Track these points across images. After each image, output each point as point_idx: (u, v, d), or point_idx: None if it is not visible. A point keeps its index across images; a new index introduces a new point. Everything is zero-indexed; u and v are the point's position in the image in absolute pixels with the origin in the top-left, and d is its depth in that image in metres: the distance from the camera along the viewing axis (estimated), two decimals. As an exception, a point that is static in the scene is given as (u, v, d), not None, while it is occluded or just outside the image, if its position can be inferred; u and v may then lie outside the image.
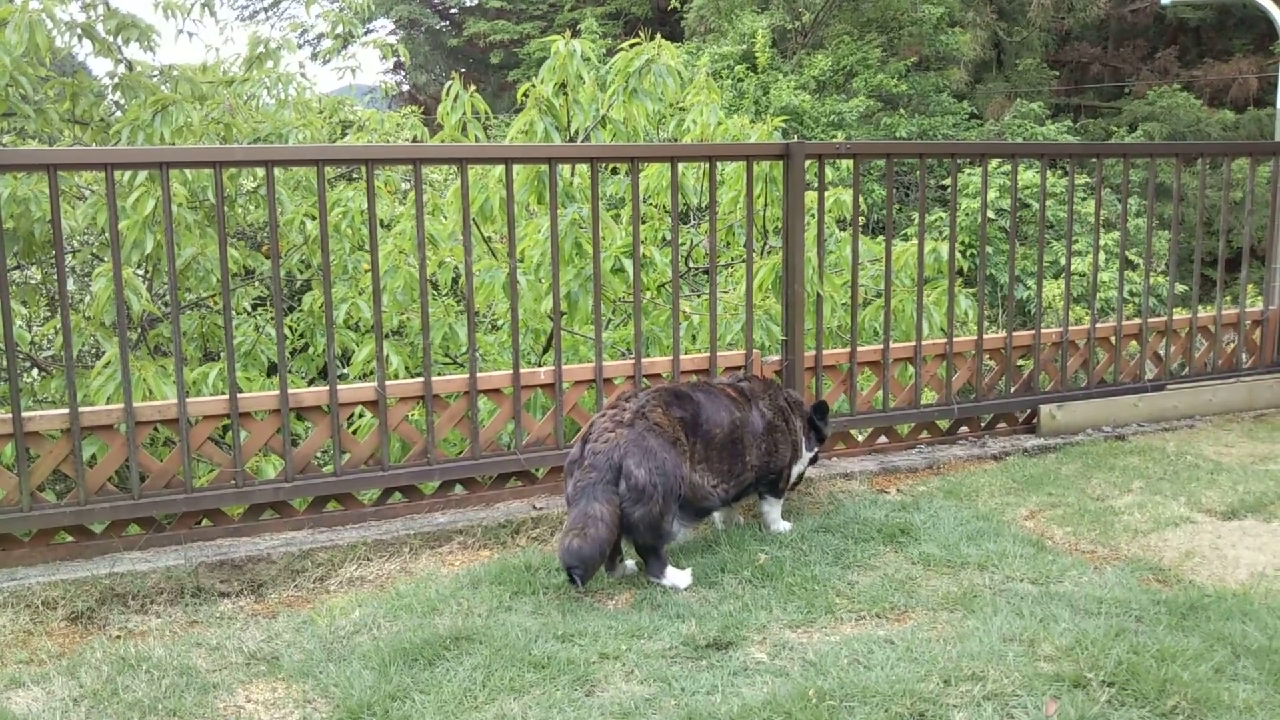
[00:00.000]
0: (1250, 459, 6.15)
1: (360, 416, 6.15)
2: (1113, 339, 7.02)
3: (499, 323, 8.56)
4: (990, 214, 14.92)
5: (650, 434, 4.38)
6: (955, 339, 6.51)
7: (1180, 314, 7.39)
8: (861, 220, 6.42)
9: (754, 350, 5.87)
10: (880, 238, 6.27)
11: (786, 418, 4.96)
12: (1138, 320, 7.19)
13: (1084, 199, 13.67)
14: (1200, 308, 7.69)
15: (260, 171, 7.54)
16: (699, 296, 7.97)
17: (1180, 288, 11.11)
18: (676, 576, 4.42)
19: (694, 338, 7.01)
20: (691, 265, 8.35)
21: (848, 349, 6.16)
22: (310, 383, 7.96)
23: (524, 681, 3.57)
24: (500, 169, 6.47)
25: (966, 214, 14.96)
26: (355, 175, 9.00)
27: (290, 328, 8.43)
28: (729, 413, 4.71)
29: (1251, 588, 4.20)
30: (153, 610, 4.44)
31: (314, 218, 7.29)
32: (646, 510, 4.27)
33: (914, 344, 6.35)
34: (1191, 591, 4.13)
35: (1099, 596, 4.06)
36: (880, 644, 3.69)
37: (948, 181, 6.72)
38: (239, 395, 4.99)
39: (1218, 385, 7.31)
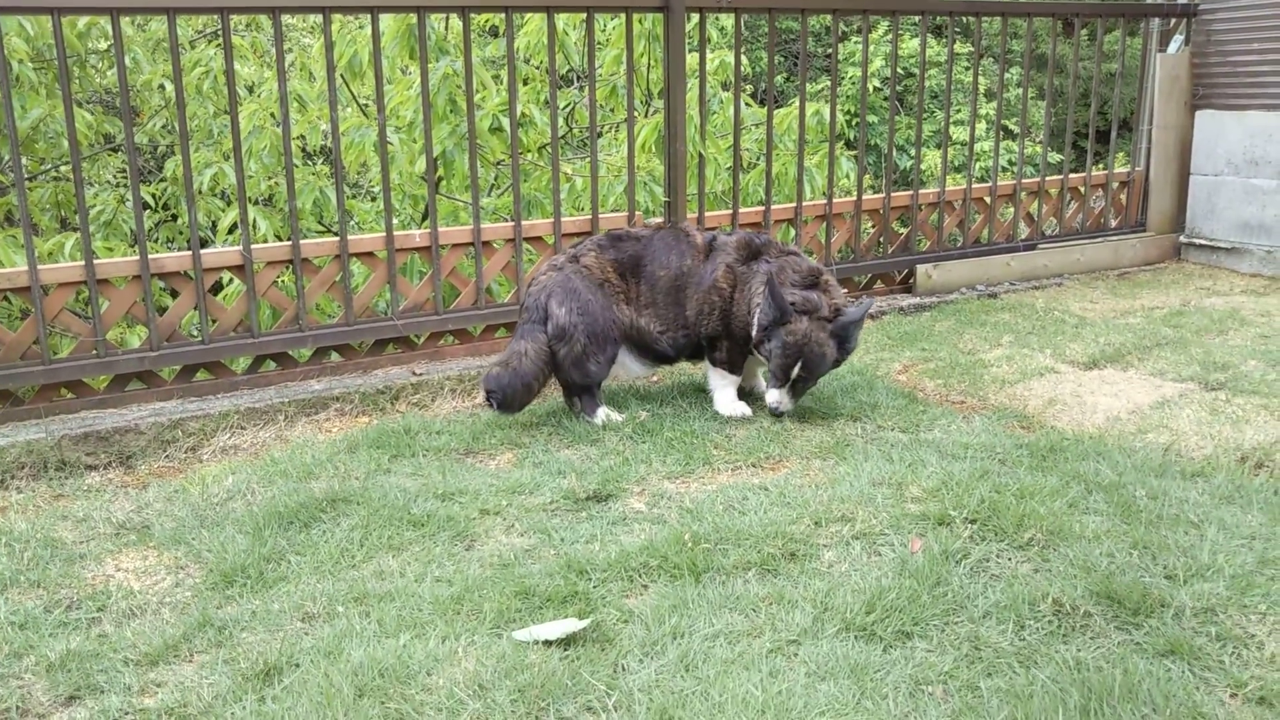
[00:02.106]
0: (1112, 313, 6.40)
1: (229, 284, 5.91)
2: (988, 200, 7.15)
3: (375, 190, 8.29)
4: (876, 83, 14.91)
5: (577, 276, 4.55)
6: (835, 200, 6.55)
7: (1053, 177, 7.56)
8: (747, 89, 6.34)
9: (637, 213, 5.80)
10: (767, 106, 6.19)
11: (739, 286, 4.52)
12: (1012, 182, 7.33)
13: (966, 68, 13.75)
14: (1072, 173, 7.87)
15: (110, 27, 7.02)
16: (581, 159, 7.81)
17: (1055, 157, 11.36)
18: (607, 415, 4.61)
19: (576, 202, 6.89)
20: (574, 126, 8.15)
21: (730, 211, 6.14)
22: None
23: (403, 539, 3.55)
24: (368, 21, 6.14)
25: (852, 82, 14.92)
26: (218, 34, 8.47)
27: (154, 196, 8.02)
28: (679, 260, 4.60)
29: (1106, 430, 4.40)
30: (13, 485, 4.27)
31: (173, 79, 6.84)
32: (569, 349, 4.50)
33: (794, 205, 6.36)
34: (1052, 436, 4.31)
35: (966, 443, 4.20)
36: (755, 491, 3.77)
37: (832, 51, 6.65)
38: (96, 262, 4.73)
39: (1085, 245, 7.55)
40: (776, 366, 4.33)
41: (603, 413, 4.62)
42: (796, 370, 4.31)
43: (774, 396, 4.41)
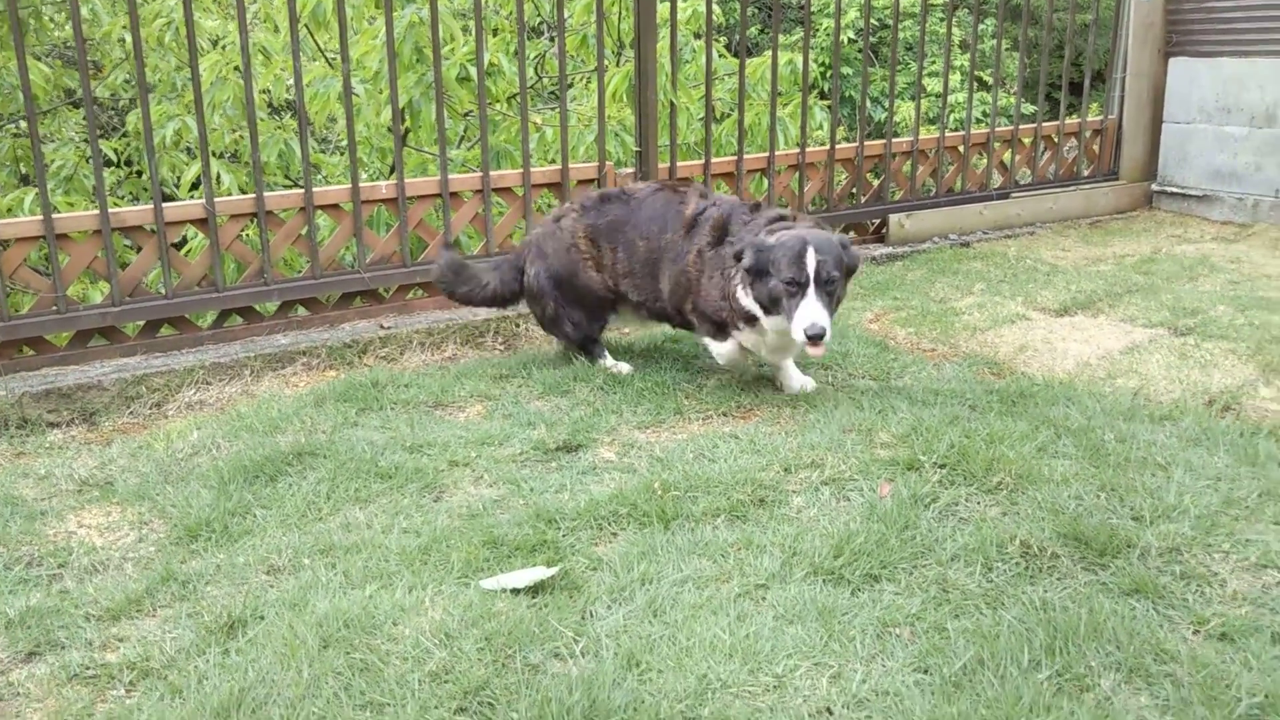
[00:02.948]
0: (1084, 261, 6.40)
1: (193, 238, 5.81)
2: (961, 149, 7.11)
3: (343, 144, 8.16)
4: (850, 34, 14.77)
5: (550, 238, 4.57)
6: (809, 150, 6.49)
7: (1026, 126, 7.52)
8: (720, 39, 6.23)
9: (607, 163, 5.73)
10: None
11: (706, 271, 4.15)
12: (986, 131, 7.29)
13: (940, 19, 13.63)
14: (1046, 122, 7.83)
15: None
16: (551, 109, 7.71)
17: (1029, 108, 11.31)
18: (609, 365, 4.62)
19: (547, 153, 6.80)
20: (543, 76, 8.03)
21: (702, 161, 6.08)
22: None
23: (370, 491, 3.51)
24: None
25: (826, 34, 14.79)
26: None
27: (117, 152, 7.87)
28: (660, 231, 4.32)
29: (1076, 376, 4.40)
30: (-27, 443, 4.20)
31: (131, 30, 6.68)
32: (541, 310, 4.66)
33: (767, 155, 6.30)
34: (1022, 381, 4.31)
35: (936, 389, 4.20)
36: (725, 439, 3.75)
37: (806, 2, 6.55)
38: (55, 216, 4.63)
39: (1058, 193, 7.54)
40: (789, 270, 3.70)
41: (604, 363, 4.62)
42: (812, 258, 3.68)
43: (805, 313, 3.66)
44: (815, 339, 3.67)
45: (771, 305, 3.83)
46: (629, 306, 4.57)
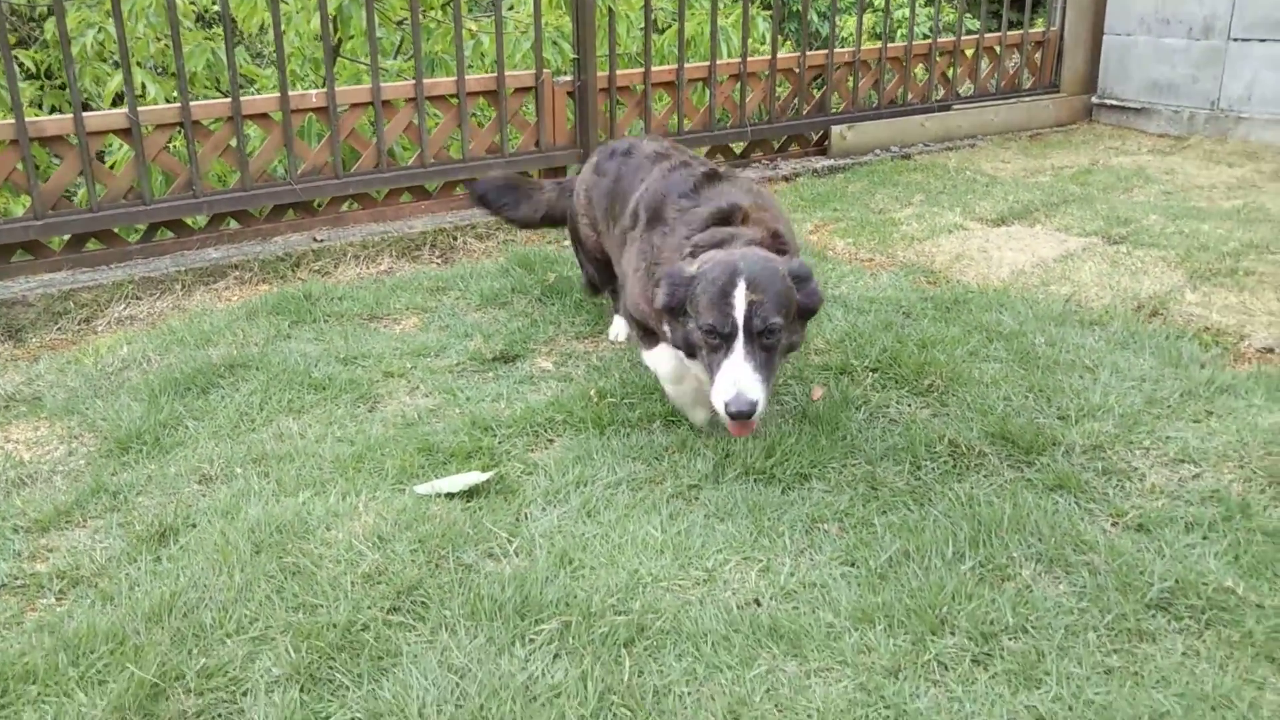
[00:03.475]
0: (1023, 173, 6.44)
1: (118, 149, 5.63)
2: (903, 60, 7.07)
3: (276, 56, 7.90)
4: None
5: (578, 179, 3.95)
6: (750, 59, 6.41)
7: (968, 37, 7.49)
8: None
9: (544, 70, 5.62)
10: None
11: (632, 243, 3.30)
12: (928, 42, 7.24)
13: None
14: (988, 33, 7.80)
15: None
16: (487, 17, 7.52)
17: (973, 24, 11.24)
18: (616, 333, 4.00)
19: (483, 57, 6.64)
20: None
21: (642, 69, 5.99)
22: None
23: (304, 402, 3.48)
24: None
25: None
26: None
27: (36, 63, 7.57)
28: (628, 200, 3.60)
29: (1010, 284, 4.45)
30: (-107, 360, 4.08)
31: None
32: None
33: (709, 64, 6.22)
34: (957, 289, 4.35)
35: (872, 297, 4.23)
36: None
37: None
38: (-33, 126, 4.45)
39: (1000, 106, 7.54)
40: (710, 314, 2.63)
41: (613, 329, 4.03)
42: (743, 298, 2.59)
43: (727, 378, 2.61)
44: (739, 417, 2.57)
45: (691, 353, 2.80)
46: None
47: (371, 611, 2.36)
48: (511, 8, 7.26)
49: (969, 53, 7.46)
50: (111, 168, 5.33)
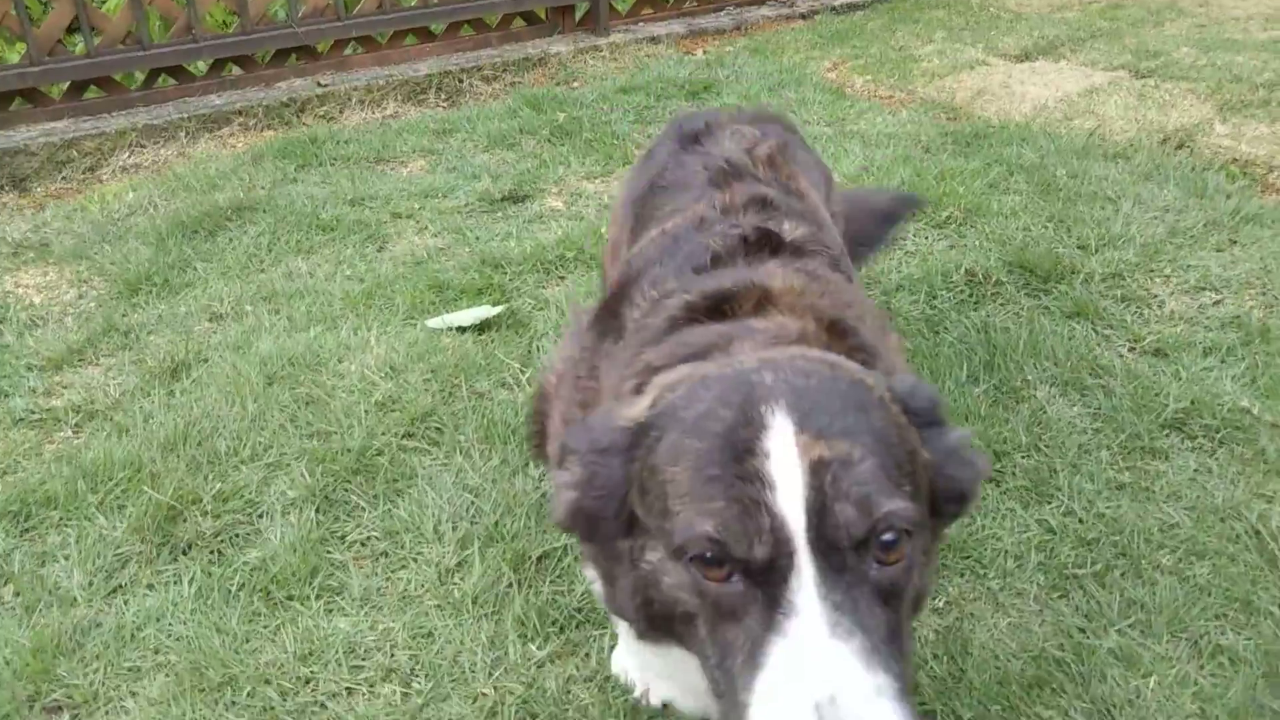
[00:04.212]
0: (1048, 8, 6.19)
1: (112, -5, 5.46)
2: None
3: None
4: None
5: None
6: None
7: None
8: None
9: None
10: None
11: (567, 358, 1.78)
12: None
13: None
14: None
15: None
16: None
17: None
18: None
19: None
20: None
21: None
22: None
23: (312, 243, 3.44)
24: None
25: None
26: None
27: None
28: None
29: (1033, 118, 4.32)
30: (-101, 210, 4.05)
31: None
32: None
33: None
34: (978, 124, 4.23)
35: (891, 133, 4.11)
36: (675, 184, 3.67)
37: None
38: (-45, -32, 4.30)
39: (1026, -60, 7.20)
40: (704, 510, 1.07)
41: None
42: (788, 445, 1.06)
43: (798, 679, 0.99)
44: None
45: (666, 631, 1.19)
46: None
47: (386, 437, 2.37)
48: None
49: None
50: (105, 9, 5.18)
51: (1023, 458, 2.25)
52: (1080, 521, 2.08)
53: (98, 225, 3.76)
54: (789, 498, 1.00)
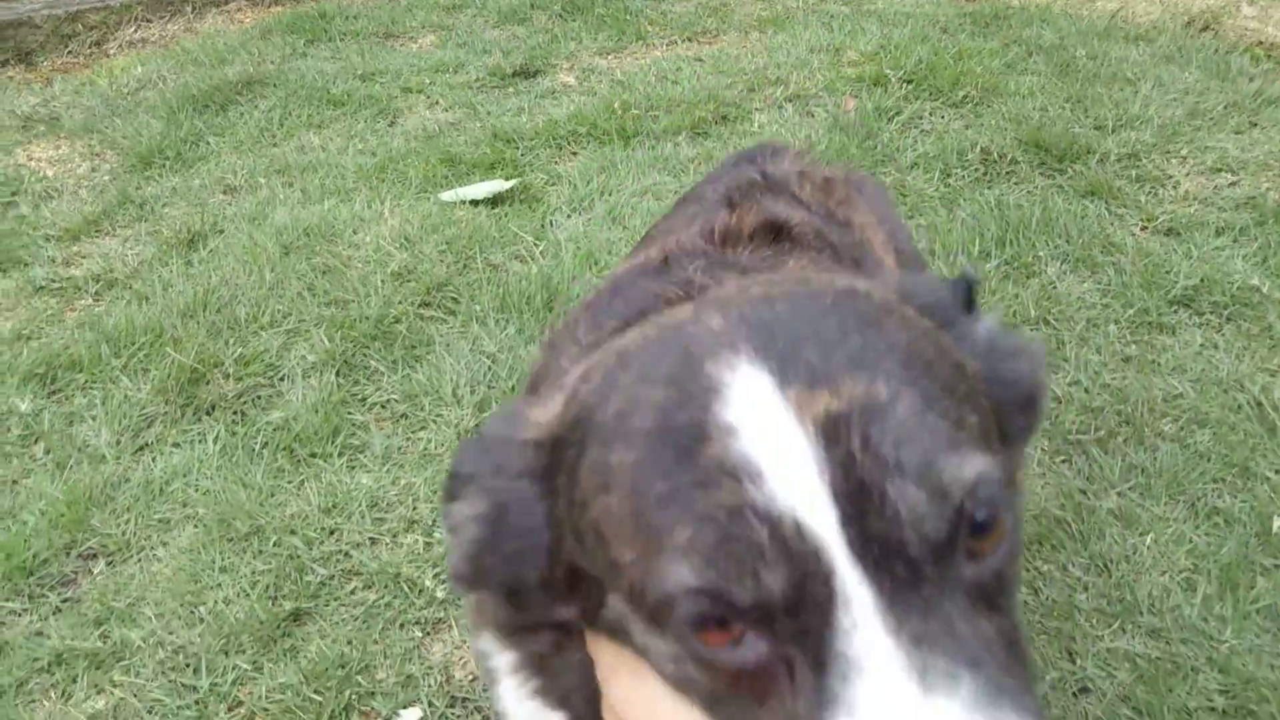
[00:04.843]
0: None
1: None
2: None
3: None
4: None
5: None
6: None
7: None
8: None
9: None
10: None
11: None
12: None
13: None
14: None
15: None
16: None
17: None
18: None
19: None
20: None
21: None
22: None
23: (323, 117, 3.43)
24: None
25: None
26: None
27: None
28: None
29: (1054, 0, 4.23)
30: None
31: None
32: None
33: None
34: (997, 4, 4.14)
35: (908, 11, 4.04)
36: (689, 62, 3.64)
37: None
38: None
39: None
40: (673, 544, 0.69)
41: None
42: (794, 410, 0.69)
43: None
44: None
45: None
46: None
47: (403, 306, 2.40)
48: None
49: None
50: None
51: (1031, 329, 2.28)
52: (1086, 391, 2.12)
53: (107, 99, 3.74)
54: (797, 486, 0.64)
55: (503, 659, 0.86)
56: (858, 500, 0.63)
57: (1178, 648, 1.65)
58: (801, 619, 0.63)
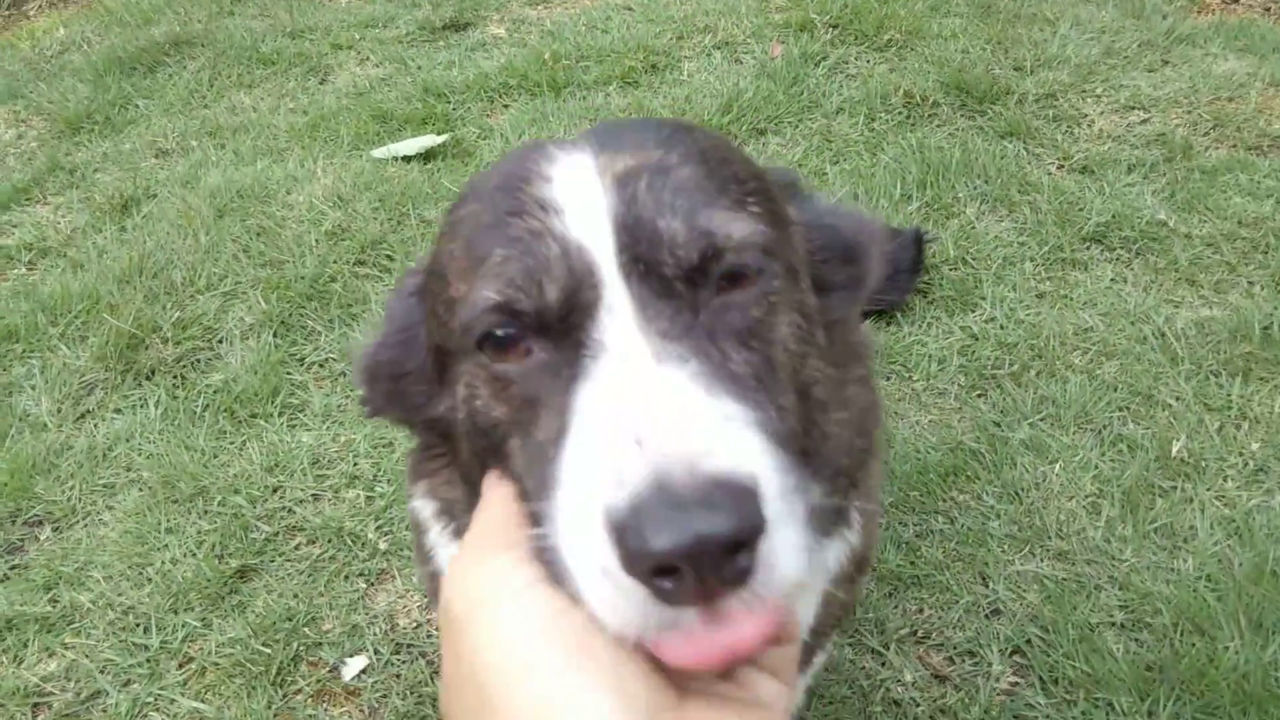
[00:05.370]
0: None
1: None
2: None
3: None
4: None
5: None
6: None
7: None
8: None
9: None
10: None
11: None
12: None
13: None
14: None
15: None
16: None
17: None
18: None
19: None
20: None
21: None
22: None
23: (253, 77, 3.41)
24: None
25: None
26: None
27: None
28: None
29: (980, -61, 4.28)
30: None
31: None
32: None
33: None
34: (924, -54, 4.18)
35: (835, -45, 4.07)
36: (618, 10, 3.64)
37: None
38: None
39: None
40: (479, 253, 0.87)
41: None
42: (585, 164, 0.86)
43: (607, 406, 0.74)
44: (690, 550, 0.62)
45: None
46: None
47: (338, 265, 2.43)
48: None
49: None
50: None
51: (950, 270, 2.36)
52: (1001, 328, 2.21)
53: (30, 63, 3.69)
54: (587, 218, 0.77)
55: (427, 509, 1.00)
56: (633, 231, 0.76)
57: (1082, 568, 1.76)
58: (571, 320, 0.75)
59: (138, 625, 1.72)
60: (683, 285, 0.76)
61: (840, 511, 0.96)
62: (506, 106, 3.14)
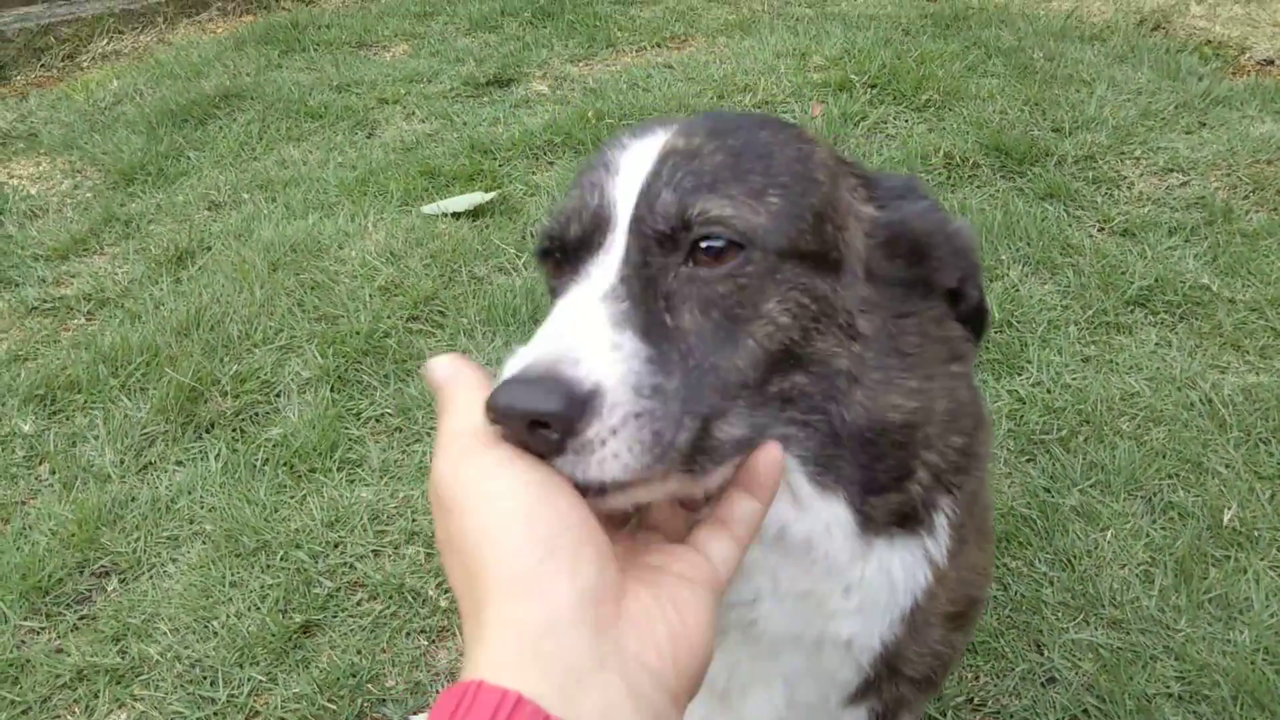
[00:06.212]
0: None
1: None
2: None
3: None
4: None
5: None
6: None
7: None
8: None
9: None
10: None
11: None
12: None
13: None
14: None
15: None
16: None
17: None
18: None
19: None
20: None
21: None
22: None
23: (301, 130, 3.49)
24: None
25: None
26: None
27: None
28: None
29: (1011, 0, 4.36)
30: (-121, 99, 4.04)
31: None
32: None
33: None
34: (957, 5, 4.26)
35: (871, 14, 4.15)
36: (659, 69, 3.72)
37: None
38: None
39: None
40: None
41: None
42: (638, 156, 0.98)
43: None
44: (511, 416, 0.79)
45: None
46: None
47: (391, 320, 2.48)
48: None
49: None
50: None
51: (996, 333, 2.39)
52: (1048, 391, 2.24)
53: (85, 114, 3.78)
54: (626, 182, 0.92)
55: None
56: (647, 198, 0.90)
57: (1137, 637, 1.77)
58: (582, 254, 0.91)
59: (205, 678, 1.75)
60: (658, 248, 0.90)
61: (908, 508, 0.98)
62: (551, 164, 3.20)
